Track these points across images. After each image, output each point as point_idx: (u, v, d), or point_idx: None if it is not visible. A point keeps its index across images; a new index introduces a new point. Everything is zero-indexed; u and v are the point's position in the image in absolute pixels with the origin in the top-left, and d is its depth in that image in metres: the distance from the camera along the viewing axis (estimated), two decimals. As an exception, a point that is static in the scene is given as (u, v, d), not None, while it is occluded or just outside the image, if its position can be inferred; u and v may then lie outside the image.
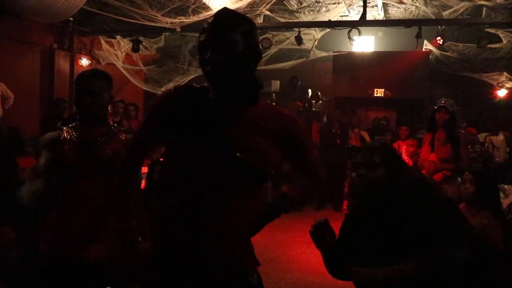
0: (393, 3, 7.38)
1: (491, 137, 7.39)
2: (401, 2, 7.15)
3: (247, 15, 7.39)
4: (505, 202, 3.70)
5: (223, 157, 1.36)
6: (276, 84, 10.41)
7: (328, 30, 7.86)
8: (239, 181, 1.38)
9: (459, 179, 4.10)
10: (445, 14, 6.87)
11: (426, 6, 7.03)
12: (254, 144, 1.38)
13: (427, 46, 8.35)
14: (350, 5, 7.41)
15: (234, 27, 1.36)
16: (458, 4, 6.51)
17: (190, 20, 6.77)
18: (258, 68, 1.53)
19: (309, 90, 9.43)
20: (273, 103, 9.26)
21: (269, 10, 7.08)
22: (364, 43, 9.47)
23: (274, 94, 9.52)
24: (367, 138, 7.49)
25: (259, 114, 1.44)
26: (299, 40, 7.27)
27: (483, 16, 6.68)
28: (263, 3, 6.80)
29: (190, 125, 1.39)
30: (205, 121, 1.39)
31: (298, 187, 1.69)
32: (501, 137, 7.34)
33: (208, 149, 1.36)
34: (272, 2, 6.81)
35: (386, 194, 1.79)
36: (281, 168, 5.98)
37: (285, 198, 1.59)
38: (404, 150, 5.57)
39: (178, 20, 6.76)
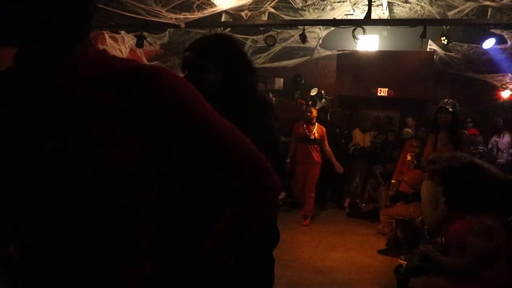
0: (398, 3, 7.35)
1: (497, 139, 7.37)
2: (406, 2, 7.12)
3: (252, 12, 7.34)
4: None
5: (32, 158, 0.81)
6: (279, 82, 10.43)
7: (332, 28, 7.84)
8: (69, 197, 0.82)
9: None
10: (450, 14, 6.84)
11: (431, 6, 7.00)
12: (76, 130, 0.81)
13: (431, 46, 8.32)
14: (355, 3, 7.38)
15: None
16: (464, 5, 6.48)
17: (195, 16, 6.77)
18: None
19: (312, 90, 9.44)
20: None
21: (274, 7, 7.06)
22: (369, 42, 9.44)
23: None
24: (369, 139, 7.50)
25: (83, 74, 0.86)
26: (303, 38, 7.26)
27: (488, 17, 6.64)
28: (268, 1, 6.79)
29: None
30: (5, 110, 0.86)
31: (222, 226, 0.98)
32: (506, 138, 7.32)
33: (13, 153, 0.83)
34: (277, -1, 6.80)
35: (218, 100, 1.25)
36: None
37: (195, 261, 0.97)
38: (409, 151, 5.57)
39: (182, 16, 6.76)
